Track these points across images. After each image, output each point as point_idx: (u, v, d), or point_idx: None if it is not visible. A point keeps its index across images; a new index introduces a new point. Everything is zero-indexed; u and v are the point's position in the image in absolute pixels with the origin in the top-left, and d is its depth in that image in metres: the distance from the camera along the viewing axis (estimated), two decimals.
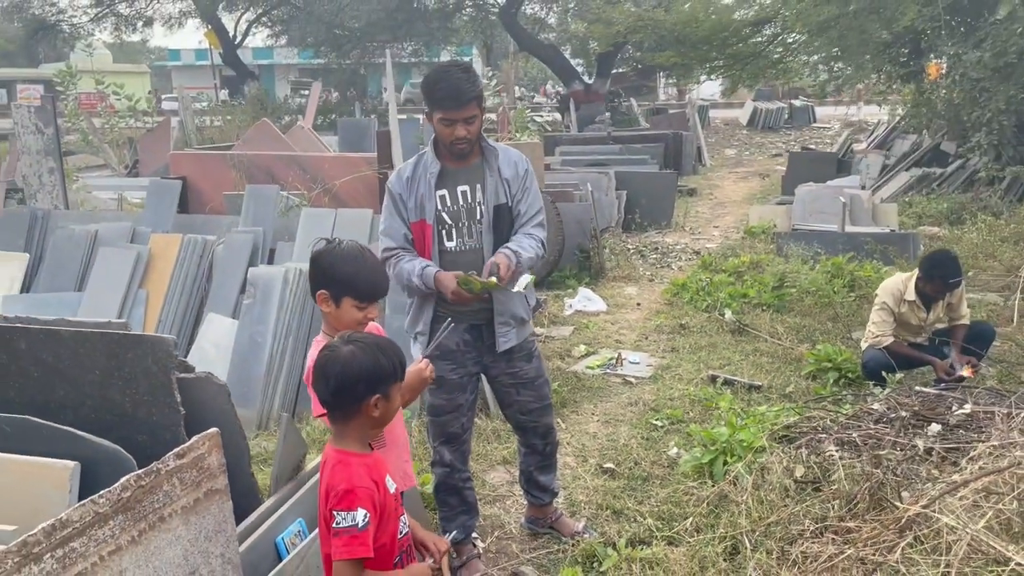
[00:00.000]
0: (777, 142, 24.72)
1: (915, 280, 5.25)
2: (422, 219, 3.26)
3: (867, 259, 8.45)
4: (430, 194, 3.24)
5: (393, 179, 3.34)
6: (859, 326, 6.63)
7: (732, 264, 8.58)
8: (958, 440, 3.58)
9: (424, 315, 3.37)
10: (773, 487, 3.68)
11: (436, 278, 3.19)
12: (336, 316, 2.65)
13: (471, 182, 3.28)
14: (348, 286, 2.62)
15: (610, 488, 4.19)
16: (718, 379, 5.67)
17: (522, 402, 3.57)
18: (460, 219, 3.28)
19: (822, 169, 13.71)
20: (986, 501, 2.74)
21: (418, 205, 3.25)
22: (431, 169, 3.25)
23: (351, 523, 2.11)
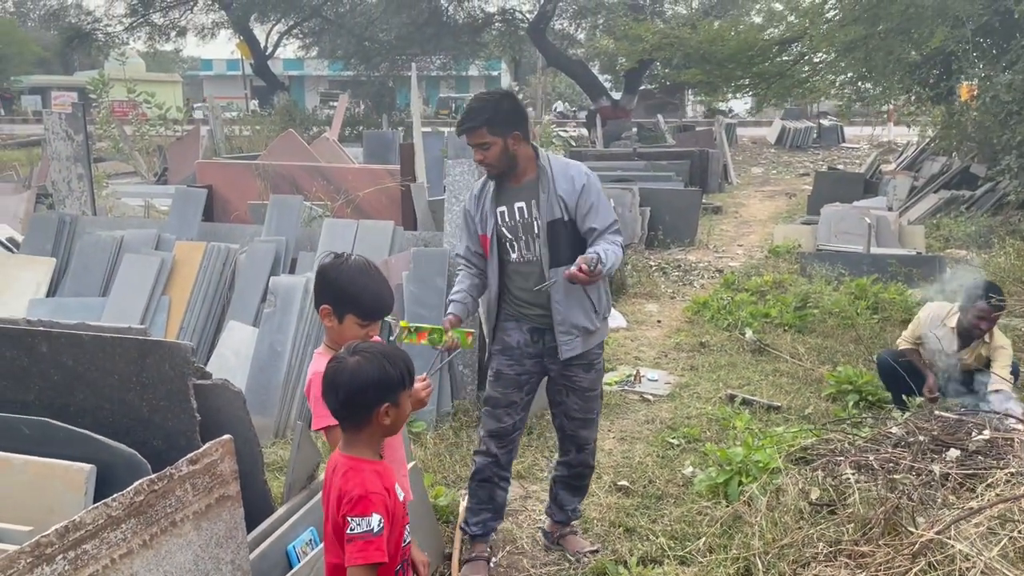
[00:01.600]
0: (805, 161, 24.59)
1: (957, 309, 5.17)
2: (485, 233, 3.54)
3: (891, 281, 8.37)
4: (491, 211, 3.50)
5: (468, 197, 3.66)
6: (880, 347, 6.57)
7: (755, 283, 8.54)
8: (976, 466, 3.53)
9: (493, 310, 3.64)
10: (788, 509, 3.65)
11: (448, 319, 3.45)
12: (338, 332, 2.65)
13: (527, 199, 3.46)
14: (352, 303, 2.62)
15: (623, 506, 4.17)
16: (736, 399, 5.64)
17: (568, 406, 3.66)
18: (519, 233, 3.48)
19: (849, 189, 13.63)
20: (1002, 528, 2.70)
21: (483, 220, 3.53)
22: (490, 185, 3.53)
23: (366, 528, 2.12)
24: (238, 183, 9.02)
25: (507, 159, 3.39)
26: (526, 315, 3.55)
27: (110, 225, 7.12)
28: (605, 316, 3.62)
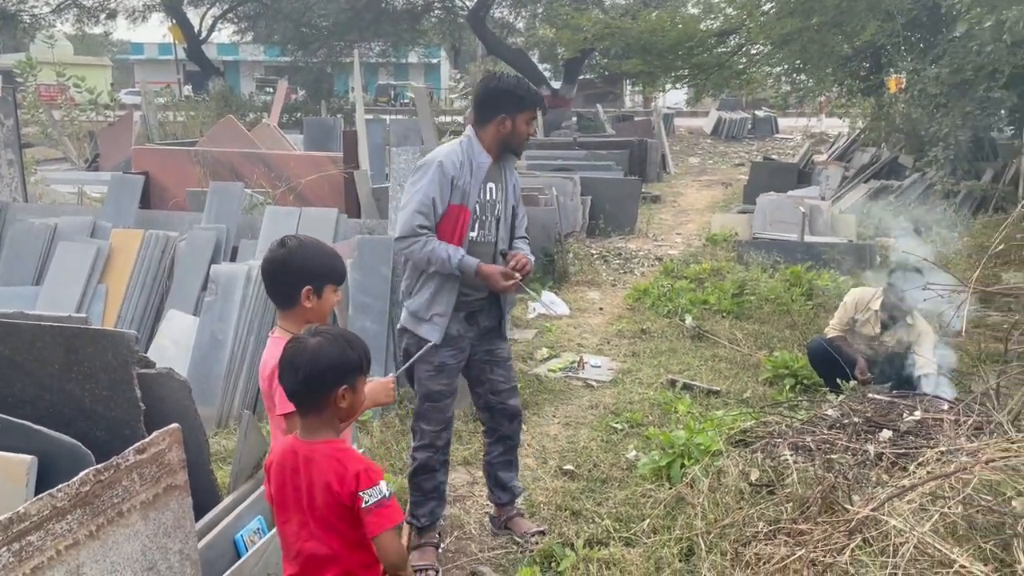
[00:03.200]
0: (740, 152, 25.05)
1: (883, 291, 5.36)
2: (463, 204, 3.43)
3: (825, 268, 8.61)
4: (477, 184, 3.46)
5: (445, 160, 3.43)
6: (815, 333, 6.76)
7: (693, 271, 8.69)
8: (908, 446, 3.67)
9: (445, 298, 3.49)
10: (728, 490, 3.75)
11: (480, 269, 3.40)
12: (318, 309, 2.67)
13: (496, 181, 3.56)
14: (327, 274, 2.68)
15: (569, 489, 4.23)
16: (677, 383, 5.75)
17: (494, 381, 3.74)
18: (485, 213, 3.53)
19: (783, 179, 13.93)
20: (933, 505, 2.82)
21: (463, 191, 3.43)
22: (480, 160, 3.47)
23: (380, 496, 2.17)
24: (176, 170, 8.83)
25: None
26: (465, 300, 3.55)
27: (43, 212, 6.91)
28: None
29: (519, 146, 3.58)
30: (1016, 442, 3.08)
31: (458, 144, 3.50)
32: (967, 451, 3.16)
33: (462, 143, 3.50)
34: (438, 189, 3.39)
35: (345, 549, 2.25)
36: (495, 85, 3.52)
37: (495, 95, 3.49)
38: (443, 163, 3.41)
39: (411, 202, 3.41)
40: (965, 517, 2.72)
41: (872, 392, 4.73)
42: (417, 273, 3.55)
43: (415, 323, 3.53)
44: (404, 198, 3.48)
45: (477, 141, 3.50)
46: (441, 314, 3.49)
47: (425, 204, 3.39)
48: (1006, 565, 2.58)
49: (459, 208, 3.43)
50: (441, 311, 3.49)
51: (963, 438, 3.43)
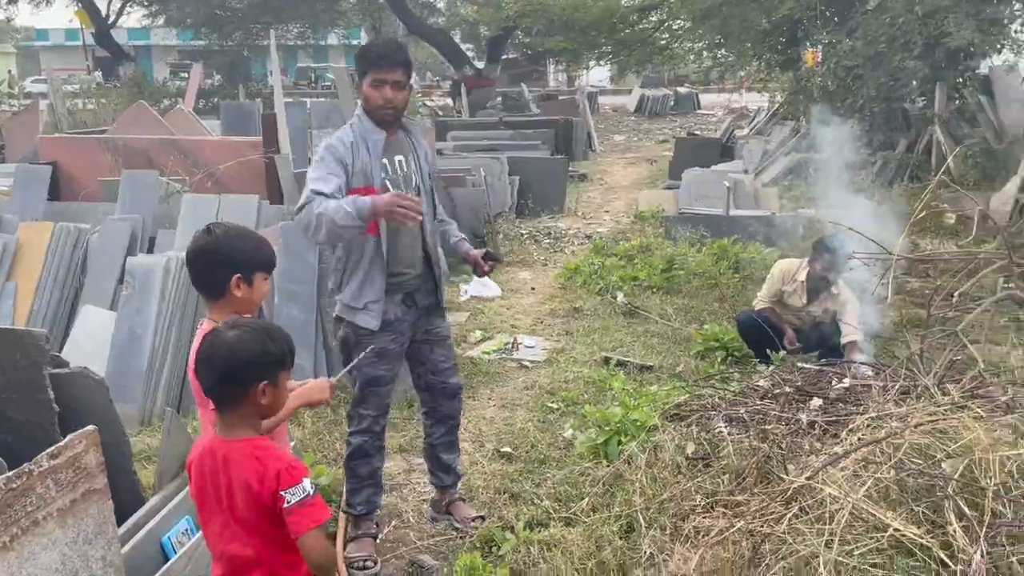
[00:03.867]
0: (664, 128, 25.29)
1: (808, 262, 5.45)
2: (368, 186, 3.27)
3: (750, 241, 8.74)
4: (376, 162, 3.31)
5: (336, 143, 3.28)
6: (743, 306, 6.85)
7: (623, 248, 8.73)
8: (838, 413, 3.73)
9: (375, 283, 3.37)
10: (666, 465, 3.76)
11: (375, 202, 3.08)
12: (248, 298, 2.55)
13: (405, 153, 3.43)
14: (256, 261, 2.57)
15: (507, 472, 4.20)
16: (611, 360, 5.76)
17: (434, 360, 3.68)
18: (400, 186, 3.36)
19: (707, 154, 14.09)
20: (865, 471, 2.86)
21: (363, 172, 3.28)
22: (373, 137, 3.32)
23: (304, 494, 2.08)
24: (86, 159, 8.44)
25: (404, 108, 3.41)
26: (398, 282, 3.44)
27: None
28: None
29: (374, 114, 3.31)
30: (943, 405, 3.15)
31: (347, 127, 3.38)
32: (896, 416, 3.22)
33: (352, 125, 3.37)
34: (331, 169, 3.22)
35: (269, 550, 2.15)
36: (358, 51, 3.41)
37: (357, 62, 3.36)
38: (331, 145, 3.28)
39: (308, 182, 3.23)
40: (897, 481, 2.77)
41: (801, 361, 4.80)
42: (341, 266, 3.43)
43: (351, 313, 3.43)
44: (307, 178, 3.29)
45: (367, 118, 3.35)
46: (375, 300, 3.39)
47: (321, 177, 3.19)
48: (938, 527, 2.63)
49: (365, 191, 3.25)
50: (374, 297, 3.38)
51: (891, 403, 3.49)
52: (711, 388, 4.73)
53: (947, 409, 3.11)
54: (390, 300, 3.43)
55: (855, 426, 3.36)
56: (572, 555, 3.33)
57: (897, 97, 12.64)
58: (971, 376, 3.71)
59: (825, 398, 4.09)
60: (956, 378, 3.67)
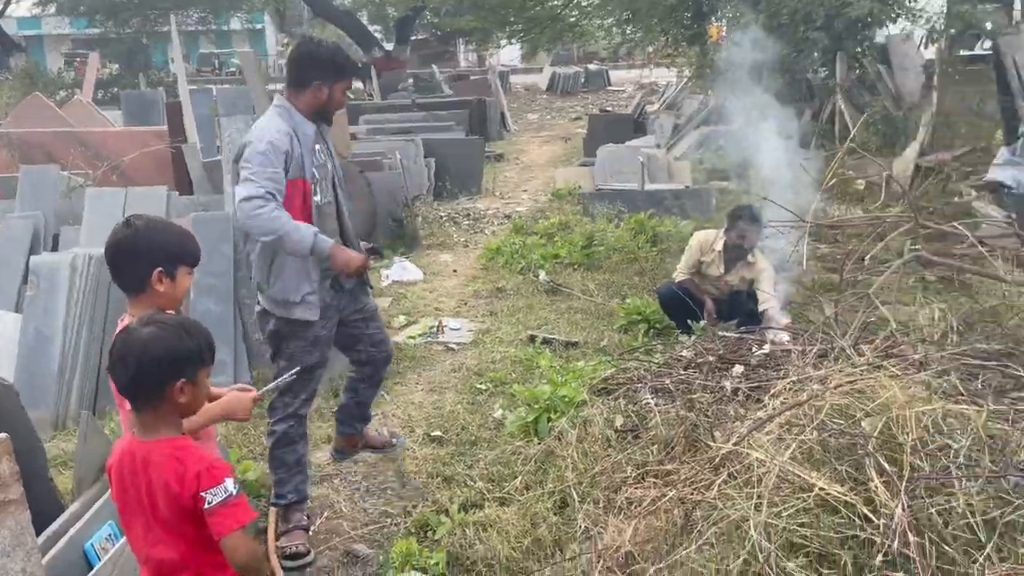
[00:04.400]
0: (576, 106, 25.40)
1: (724, 232, 5.56)
2: (301, 177, 3.32)
3: (666, 215, 8.88)
4: (308, 154, 3.35)
5: (277, 137, 3.26)
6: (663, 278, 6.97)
7: (543, 226, 8.76)
8: (760, 379, 3.83)
9: (310, 275, 3.37)
10: (596, 439, 3.80)
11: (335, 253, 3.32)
12: (170, 292, 2.47)
13: (320, 143, 3.47)
14: (180, 254, 2.48)
15: (439, 456, 4.18)
16: (537, 339, 5.79)
17: (370, 335, 3.75)
18: (322, 176, 3.44)
19: (620, 130, 14.22)
20: (789, 434, 2.94)
21: (298, 163, 3.31)
22: (305, 129, 3.36)
23: (226, 494, 2.01)
24: None
25: None
26: (325, 268, 3.42)
27: None
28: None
29: (331, 114, 3.50)
30: (859, 366, 3.26)
31: (277, 117, 3.35)
32: (816, 379, 3.32)
33: (281, 115, 3.35)
34: (275, 162, 3.22)
35: (194, 551, 2.09)
36: (314, 51, 3.43)
37: (313, 61, 3.39)
38: (273, 142, 3.24)
39: (255, 170, 3.19)
40: (820, 442, 2.85)
41: (721, 330, 4.91)
42: (267, 260, 3.35)
43: (285, 308, 3.38)
44: (244, 172, 3.24)
45: (295, 110, 3.36)
46: (312, 291, 3.37)
47: (265, 172, 3.20)
48: (860, 484, 2.73)
49: (299, 182, 3.31)
50: (311, 288, 3.37)
51: (810, 367, 3.59)
52: (636, 361, 4.80)
53: (864, 370, 3.22)
54: (320, 285, 3.43)
55: (776, 391, 3.45)
56: (508, 534, 3.34)
57: (800, 68, 12.97)
58: (883, 336, 3.85)
59: (746, 365, 4.19)
60: (870, 339, 3.80)
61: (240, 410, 2.46)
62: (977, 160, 9.71)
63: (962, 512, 2.57)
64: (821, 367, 3.61)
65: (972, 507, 2.56)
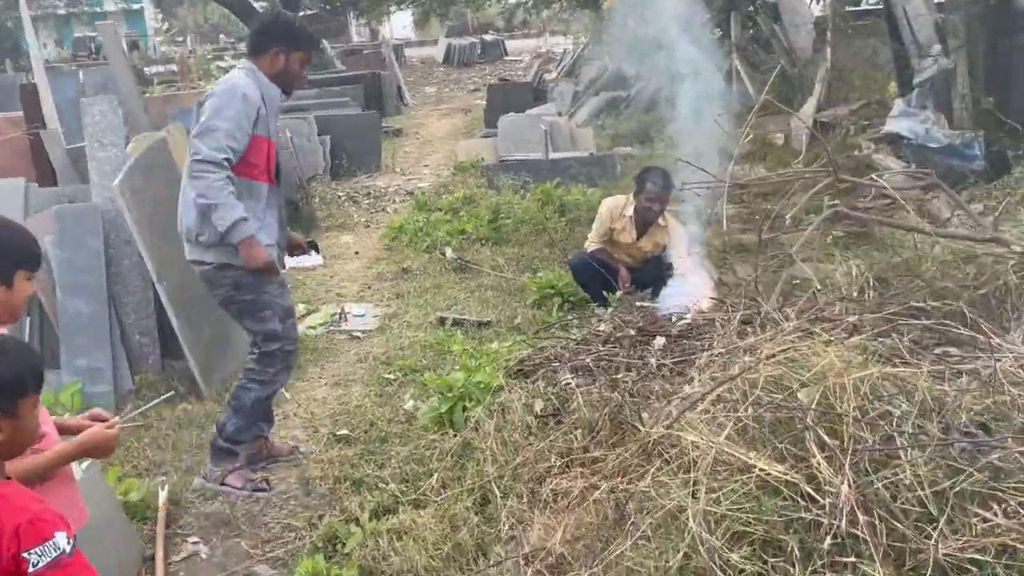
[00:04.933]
0: (474, 77, 24.99)
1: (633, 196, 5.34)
2: (265, 136, 3.44)
3: (573, 183, 8.67)
4: (273, 116, 3.50)
5: (247, 91, 3.37)
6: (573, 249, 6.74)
7: (447, 201, 8.41)
8: (684, 351, 3.61)
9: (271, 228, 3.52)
10: (515, 426, 3.52)
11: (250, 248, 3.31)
12: (6, 300, 2.08)
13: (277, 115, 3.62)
14: (17, 259, 2.10)
15: (347, 457, 3.84)
16: (447, 321, 5.48)
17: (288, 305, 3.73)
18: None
19: (520, 99, 13.94)
20: (722, 411, 2.72)
21: (265, 124, 3.42)
22: (272, 91, 3.48)
23: (56, 552, 1.63)
24: None
25: None
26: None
27: None
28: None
29: (290, 85, 3.58)
30: (788, 333, 3.06)
31: (244, 76, 3.45)
32: (744, 349, 3.11)
33: (247, 75, 3.45)
34: (244, 118, 3.33)
35: None
36: (273, 19, 3.71)
37: (272, 28, 3.54)
38: (247, 94, 3.35)
39: (220, 126, 3.28)
40: (755, 419, 2.64)
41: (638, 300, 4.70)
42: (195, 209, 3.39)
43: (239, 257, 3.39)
44: (207, 120, 3.30)
45: (260, 72, 3.48)
46: (270, 244, 3.46)
47: (236, 133, 3.30)
48: (801, 460, 2.53)
49: (265, 140, 3.44)
50: (269, 241, 3.47)
51: (735, 335, 3.39)
52: (552, 338, 4.54)
53: (794, 337, 3.03)
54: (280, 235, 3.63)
55: (703, 363, 3.24)
56: (426, 541, 3.04)
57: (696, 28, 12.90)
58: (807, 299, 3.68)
59: (668, 336, 3.98)
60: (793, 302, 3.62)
61: (101, 447, 2.08)
62: (873, 113, 9.80)
63: (910, 484, 2.40)
64: (748, 335, 3.41)
65: (920, 478, 2.38)
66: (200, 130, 3.31)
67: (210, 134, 3.26)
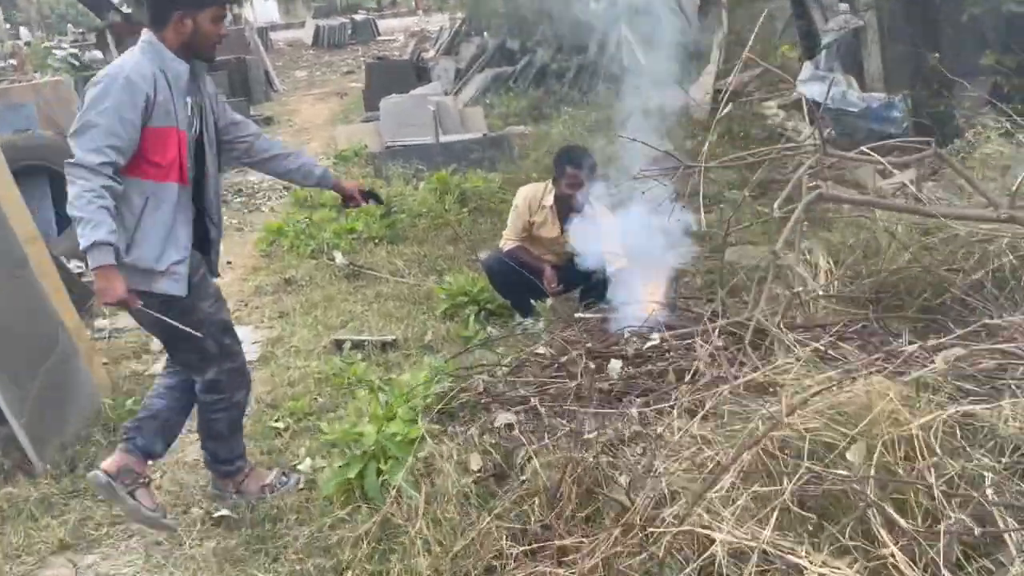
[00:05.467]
0: (347, 59, 23.75)
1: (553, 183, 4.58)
2: (172, 126, 2.86)
3: (470, 168, 7.87)
4: (180, 98, 2.89)
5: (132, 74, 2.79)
6: (482, 244, 5.94)
7: (330, 197, 7.44)
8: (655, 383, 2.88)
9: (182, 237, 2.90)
10: (449, 496, 2.72)
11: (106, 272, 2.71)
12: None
13: (192, 94, 2.97)
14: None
15: (227, 550, 2.94)
16: (344, 344, 4.59)
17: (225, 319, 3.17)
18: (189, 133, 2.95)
19: (402, 79, 12.97)
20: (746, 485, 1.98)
21: (165, 109, 2.84)
22: (176, 68, 2.89)
23: None
24: None
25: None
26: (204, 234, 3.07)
27: None
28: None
29: (207, 51, 3.00)
30: (802, 359, 2.35)
31: (141, 54, 2.87)
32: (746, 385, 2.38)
33: (146, 52, 2.87)
34: (128, 108, 2.74)
35: None
36: None
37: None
38: (131, 78, 2.77)
39: (97, 121, 2.71)
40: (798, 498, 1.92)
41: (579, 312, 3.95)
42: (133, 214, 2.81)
43: (146, 280, 2.84)
44: (82, 115, 2.75)
45: (162, 46, 2.88)
46: (179, 260, 2.88)
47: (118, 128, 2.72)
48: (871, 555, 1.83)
49: (167, 131, 2.83)
50: (179, 257, 2.88)
51: (725, 361, 2.67)
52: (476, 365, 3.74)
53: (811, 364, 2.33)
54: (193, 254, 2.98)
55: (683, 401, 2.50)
56: None
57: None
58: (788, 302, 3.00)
59: (623, 357, 3.25)
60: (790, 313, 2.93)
61: None
62: (776, 78, 9.35)
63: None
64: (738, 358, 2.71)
65: None
66: (75, 128, 2.76)
67: (85, 132, 2.72)
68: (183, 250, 2.90)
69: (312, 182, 3.41)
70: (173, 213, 2.88)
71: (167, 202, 2.87)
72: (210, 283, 3.08)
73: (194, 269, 2.96)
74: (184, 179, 2.90)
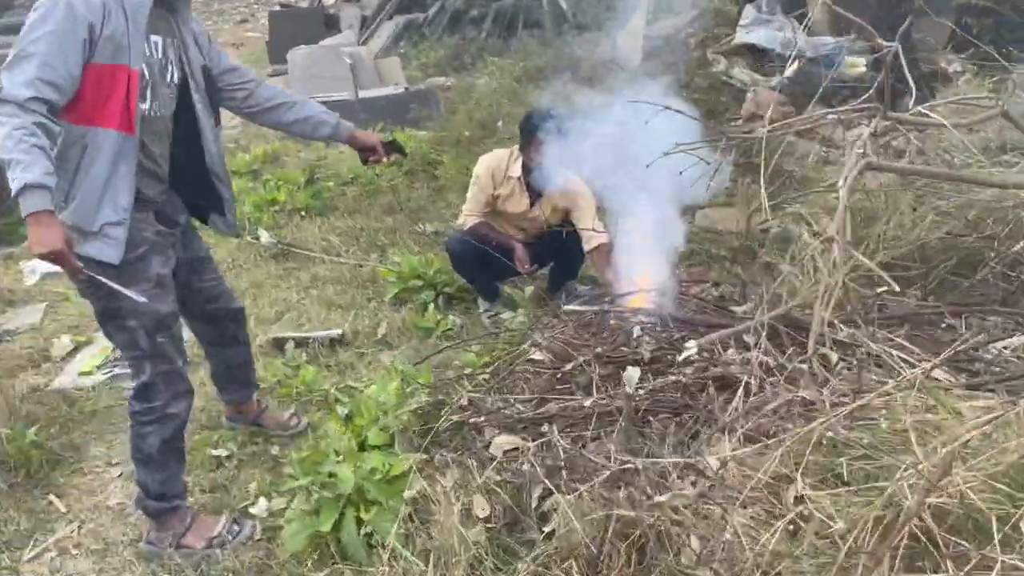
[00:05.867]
0: (239, 7, 22.21)
1: (519, 150, 4.02)
2: (123, 64, 2.40)
3: (397, 126, 7.22)
4: (138, 34, 2.43)
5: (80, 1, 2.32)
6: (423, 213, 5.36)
7: (243, 162, 6.70)
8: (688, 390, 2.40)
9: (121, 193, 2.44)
10: (457, 559, 2.20)
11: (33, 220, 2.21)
12: None
13: (165, 34, 2.57)
14: None
15: None
16: (285, 343, 3.97)
17: (205, 287, 2.96)
18: (158, 78, 2.54)
19: (310, 28, 12.01)
20: None
21: (115, 43, 2.38)
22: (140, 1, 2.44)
23: None
24: None
25: None
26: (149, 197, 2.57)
27: None
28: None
29: None
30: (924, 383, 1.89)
31: None
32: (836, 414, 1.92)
33: None
34: (70, 40, 2.30)
35: None
36: None
37: None
38: (72, 4, 2.31)
39: (31, 51, 2.27)
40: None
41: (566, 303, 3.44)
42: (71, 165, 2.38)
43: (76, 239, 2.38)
44: (18, 45, 2.30)
45: None
46: (116, 222, 2.44)
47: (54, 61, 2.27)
48: None
49: (114, 68, 2.38)
50: (116, 218, 2.43)
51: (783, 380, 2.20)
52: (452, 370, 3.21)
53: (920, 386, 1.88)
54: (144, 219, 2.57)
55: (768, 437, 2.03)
56: None
57: None
58: None
59: (638, 362, 2.76)
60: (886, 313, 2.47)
61: None
62: (713, 24, 8.92)
63: None
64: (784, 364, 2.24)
65: None
66: (9, 59, 2.31)
67: (18, 64, 2.28)
68: (121, 211, 2.45)
69: (324, 135, 2.97)
70: (111, 165, 2.43)
71: (105, 152, 2.42)
72: (151, 268, 2.56)
73: (135, 244, 2.48)
74: (131, 127, 2.42)
